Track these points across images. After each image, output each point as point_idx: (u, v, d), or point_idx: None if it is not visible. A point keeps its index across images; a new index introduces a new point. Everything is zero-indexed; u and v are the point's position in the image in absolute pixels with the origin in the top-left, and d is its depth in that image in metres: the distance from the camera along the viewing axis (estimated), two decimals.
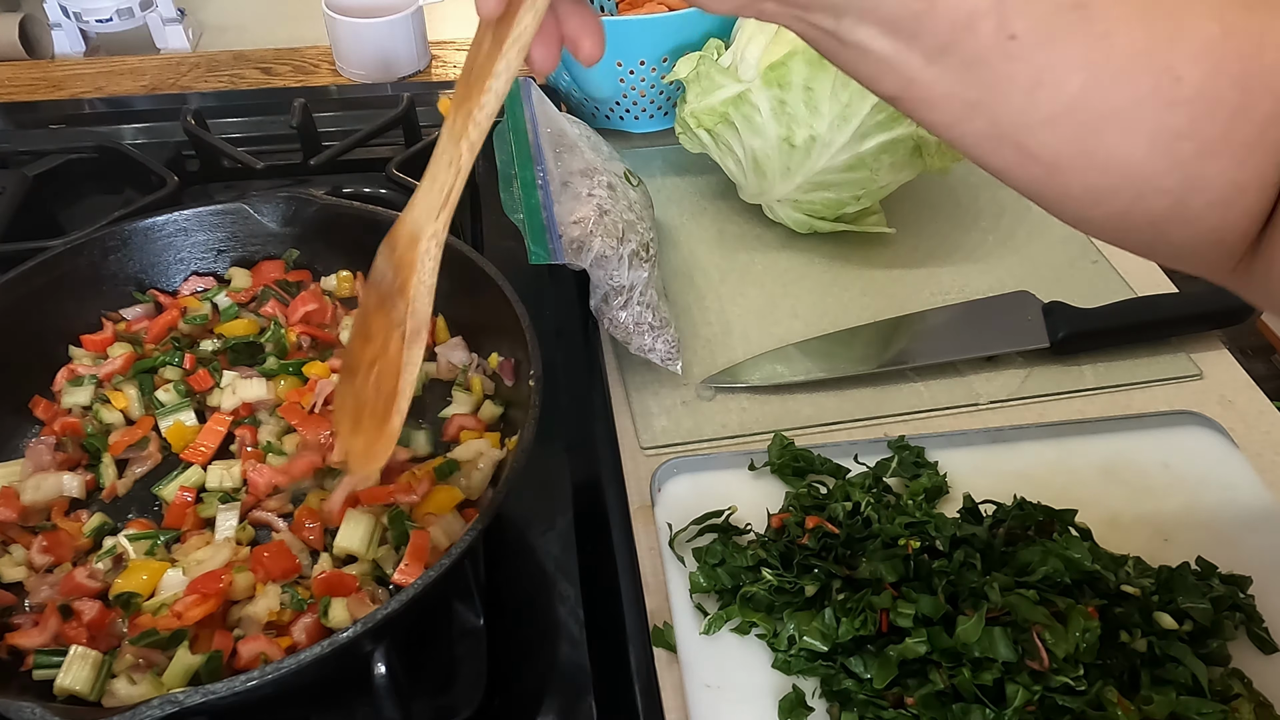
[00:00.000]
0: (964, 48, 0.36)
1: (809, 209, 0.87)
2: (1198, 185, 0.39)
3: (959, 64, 0.37)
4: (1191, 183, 0.39)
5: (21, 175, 0.89)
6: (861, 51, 0.38)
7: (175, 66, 1.18)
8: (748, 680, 0.57)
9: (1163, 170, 0.39)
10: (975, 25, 0.36)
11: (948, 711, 0.52)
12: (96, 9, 1.16)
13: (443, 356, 0.71)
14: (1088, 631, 0.53)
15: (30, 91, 1.13)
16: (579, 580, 0.61)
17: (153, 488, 0.64)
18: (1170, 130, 0.38)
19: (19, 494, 0.61)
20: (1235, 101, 0.37)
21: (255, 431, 0.66)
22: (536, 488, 0.65)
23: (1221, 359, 0.80)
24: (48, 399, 0.69)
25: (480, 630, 0.57)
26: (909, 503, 0.64)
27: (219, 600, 0.55)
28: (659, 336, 0.74)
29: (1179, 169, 0.38)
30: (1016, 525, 0.62)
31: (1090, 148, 0.39)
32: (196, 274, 0.77)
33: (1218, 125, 0.37)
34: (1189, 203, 0.39)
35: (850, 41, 0.38)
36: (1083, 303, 0.80)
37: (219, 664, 0.52)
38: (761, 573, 0.60)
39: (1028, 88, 0.37)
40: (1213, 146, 0.38)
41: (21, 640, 0.54)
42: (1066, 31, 0.36)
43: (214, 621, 0.55)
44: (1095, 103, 0.37)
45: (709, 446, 0.73)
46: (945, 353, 0.79)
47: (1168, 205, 0.40)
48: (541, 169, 0.78)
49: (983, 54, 0.36)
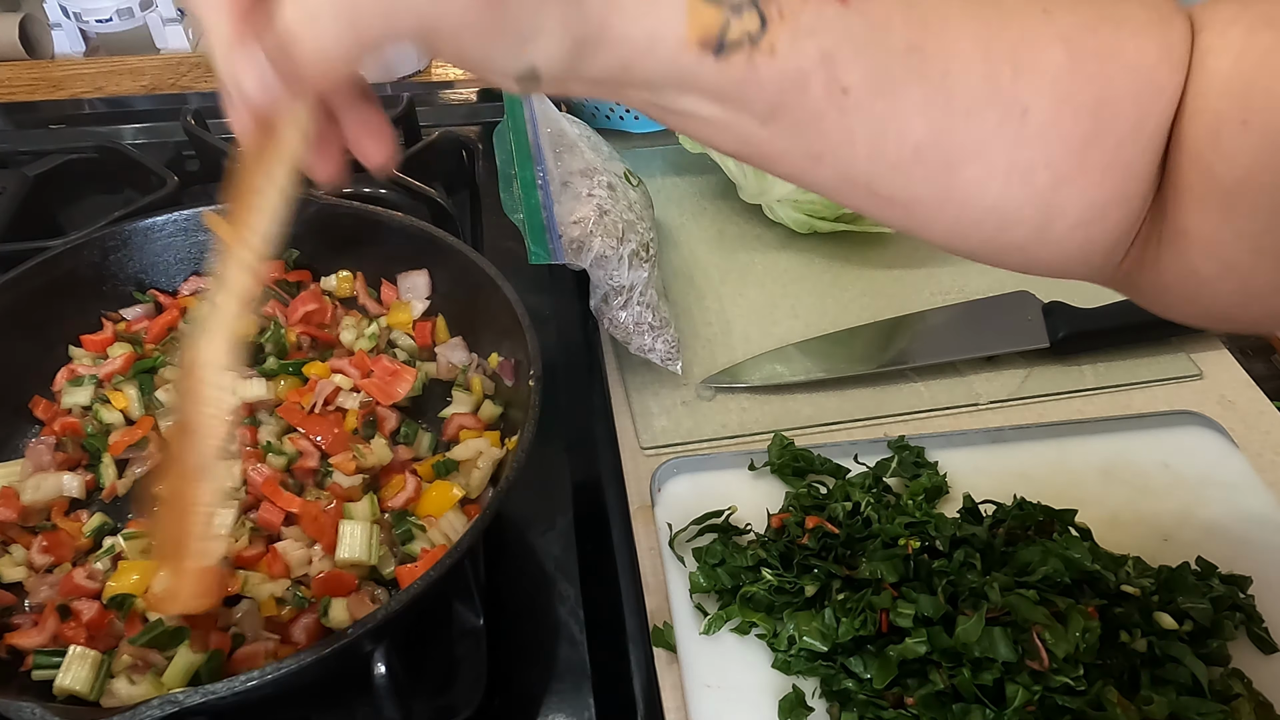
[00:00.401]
0: (796, 107, 0.35)
1: (809, 209, 0.87)
2: (1057, 212, 0.39)
3: (793, 123, 0.35)
4: (1050, 211, 0.39)
5: (21, 175, 0.89)
6: (690, 117, 0.35)
7: (175, 66, 1.18)
8: (748, 680, 0.57)
9: (1021, 201, 0.38)
10: (805, 84, 0.34)
11: (948, 711, 0.52)
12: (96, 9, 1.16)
13: (443, 356, 0.71)
14: (1088, 631, 0.53)
15: (30, 91, 1.13)
16: (579, 580, 0.61)
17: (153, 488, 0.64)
18: (1023, 163, 0.37)
19: (19, 494, 0.61)
20: (1087, 129, 0.37)
21: (255, 431, 0.66)
22: (536, 488, 0.65)
23: (1221, 359, 0.80)
24: (48, 399, 0.69)
25: (480, 630, 0.57)
26: (909, 503, 0.64)
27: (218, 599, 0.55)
28: (659, 336, 0.74)
29: (1037, 198, 0.38)
30: (1016, 525, 0.62)
31: (944, 187, 0.38)
32: (196, 274, 0.77)
33: (1071, 153, 0.37)
34: (1051, 228, 0.39)
35: (677, 110, 0.35)
36: (1083, 303, 0.80)
37: (219, 663, 0.52)
38: (761, 573, 0.60)
39: (870, 138, 0.36)
40: (1068, 174, 0.38)
41: (20, 640, 0.54)
42: (904, 76, 0.35)
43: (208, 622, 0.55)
44: (943, 145, 0.36)
45: (709, 446, 0.73)
46: (945, 353, 0.79)
47: (1030, 232, 0.39)
48: (541, 169, 0.78)
49: (817, 111, 0.35)
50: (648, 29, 0.32)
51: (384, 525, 0.60)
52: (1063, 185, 0.38)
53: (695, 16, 0.32)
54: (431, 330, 0.74)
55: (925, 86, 0.35)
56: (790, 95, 0.34)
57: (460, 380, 0.70)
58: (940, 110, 0.36)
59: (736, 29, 0.32)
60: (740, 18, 0.32)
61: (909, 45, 0.35)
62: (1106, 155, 0.37)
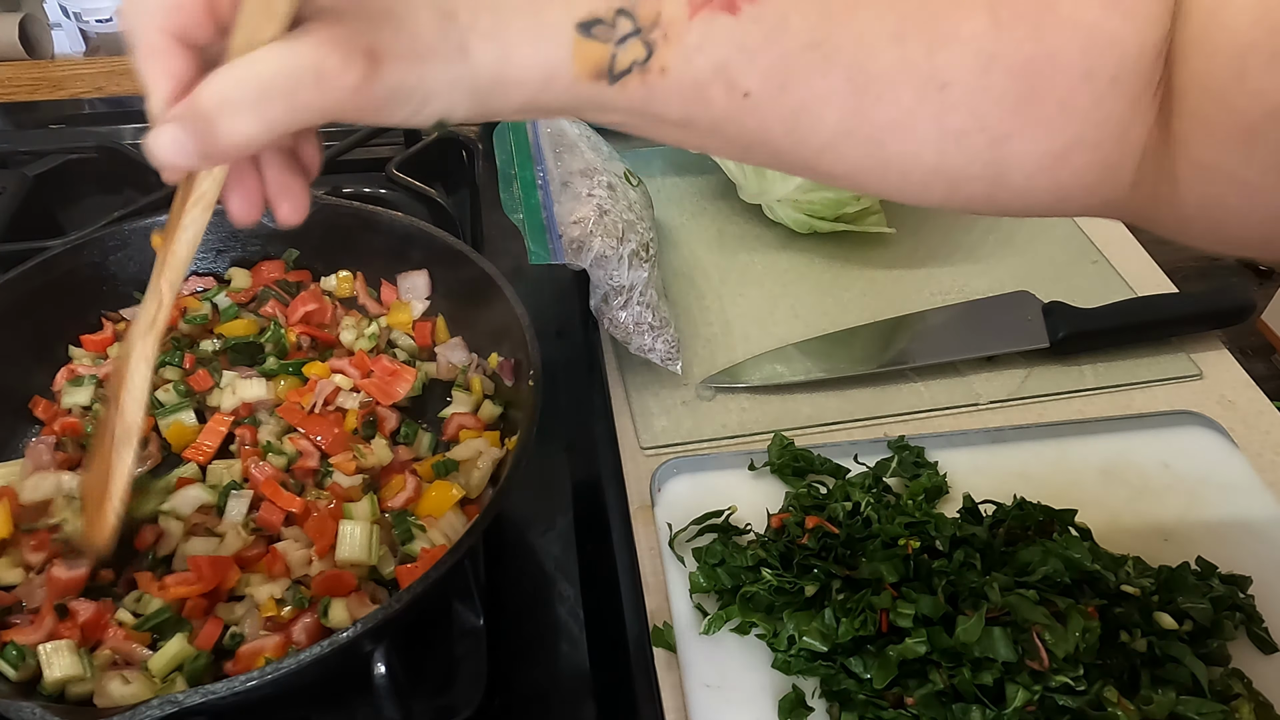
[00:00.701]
0: (704, 114, 0.36)
1: (809, 209, 0.87)
2: (1007, 166, 0.39)
3: (709, 126, 0.37)
4: (999, 165, 0.39)
5: (21, 175, 0.89)
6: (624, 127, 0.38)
7: None
8: (748, 680, 0.57)
9: (964, 162, 0.39)
10: (705, 95, 0.36)
11: (948, 711, 0.52)
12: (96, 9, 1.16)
13: (443, 356, 0.72)
14: (1088, 631, 0.53)
15: (30, 91, 1.13)
16: (579, 580, 0.62)
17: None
18: (955, 130, 0.38)
19: (18, 494, 0.61)
20: (1021, 88, 0.37)
21: (255, 431, 0.66)
22: (536, 488, 0.65)
23: (1221, 359, 0.80)
24: (48, 399, 0.69)
25: (480, 630, 0.57)
26: (909, 503, 0.63)
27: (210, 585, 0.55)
28: (659, 336, 0.74)
29: (980, 157, 0.38)
30: (1016, 525, 0.62)
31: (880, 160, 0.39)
32: (196, 274, 0.77)
33: (1007, 112, 0.37)
34: (1007, 180, 0.40)
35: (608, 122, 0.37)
36: (1083, 303, 0.80)
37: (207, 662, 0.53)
38: (761, 573, 0.59)
39: (787, 130, 0.37)
40: (1008, 131, 0.38)
41: (18, 638, 0.54)
42: (807, 72, 0.36)
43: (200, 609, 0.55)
44: (863, 127, 0.37)
45: (709, 446, 0.73)
46: (945, 353, 0.79)
47: (986, 186, 0.40)
48: (541, 169, 0.78)
49: (726, 115, 0.36)
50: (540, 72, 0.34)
51: (384, 525, 0.60)
52: (1005, 142, 0.38)
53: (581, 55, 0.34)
54: (431, 330, 0.74)
55: (831, 78, 0.36)
56: (695, 106, 0.36)
57: (460, 380, 0.70)
58: (850, 97, 0.37)
59: (624, 59, 0.34)
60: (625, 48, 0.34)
61: (808, 42, 0.36)
62: (1050, 108, 0.38)
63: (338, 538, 0.58)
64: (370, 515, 0.60)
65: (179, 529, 0.60)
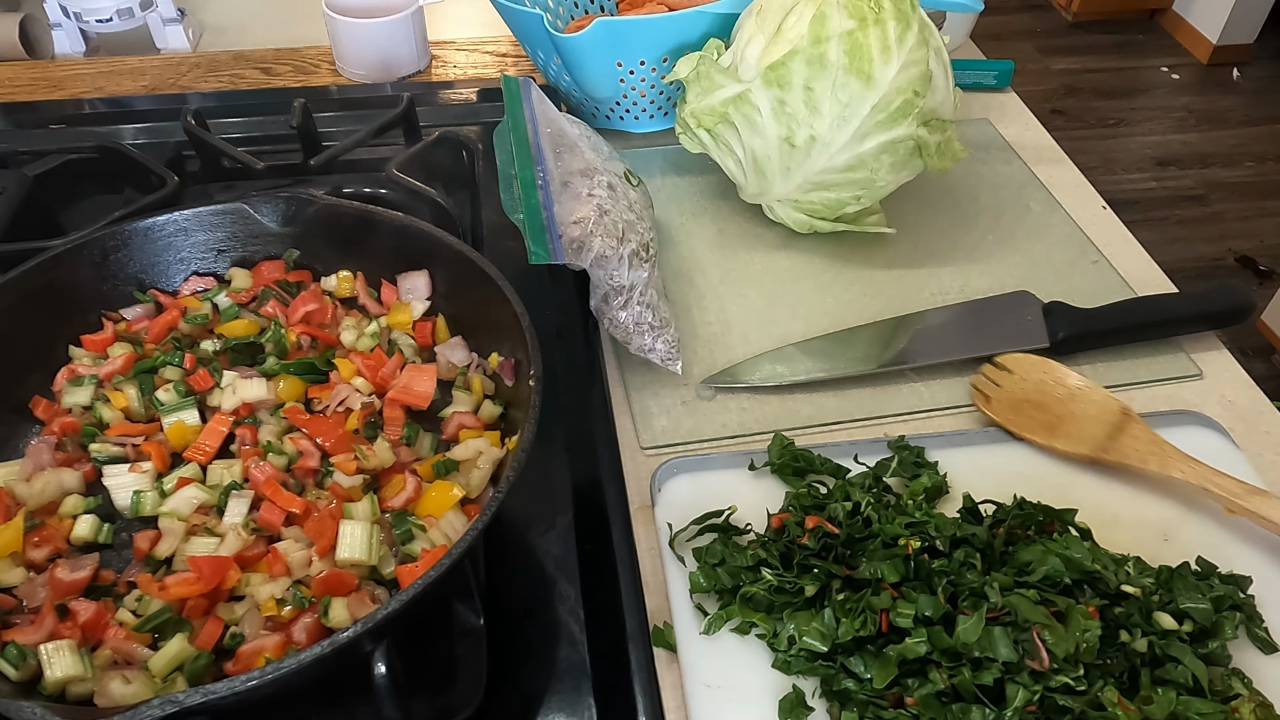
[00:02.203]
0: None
1: (809, 209, 0.87)
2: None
3: None
4: None
5: (21, 175, 0.89)
6: None
7: (175, 66, 1.18)
8: (748, 680, 0.57)
9: None
10: None
11: (948, 711, 0.52)
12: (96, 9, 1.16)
13: (443, 356, 0.71)
14: (1088, 631, 0.53)
15: (30, 91, 1.13)
16: (579, 580, 0.61)
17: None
18: None
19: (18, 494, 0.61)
20: None
21: (255, 431, 0.66)
22: (536, 488, 0.65)
23: (1221, 359, 0.80)
24: (48, 399, 0.69)
25: (480, 630, 0.57)
26: (909, 503, 0.64)
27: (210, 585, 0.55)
28: (659, 336, 0.74)
29: None
30: (1016, 525, 0.62)
31: None
32: (197, 274, 0.77)
33: None
34: None
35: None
36: (1083, 303, 0.80)
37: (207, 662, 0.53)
38: (761, 573, 0.60)
39: None
40: None
41: (18, 638, 0.54)
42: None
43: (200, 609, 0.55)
44: None
45: (709, 446, 0.73)
46: (945, 353, 0.79)
47: None
48: (541, 169, 0.78)
49: None
50: None
51: (384, 525, 0.60)
52: None
53: None
54: (431, 330, 0.74)
55: None
56: None
57: (460, 380, 0.70)
58: None
59: None
60: None
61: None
62: None
63: (338, 538, 0.57)
64: (370, 515, 0.60)
65: (179, 529, 0.60)
